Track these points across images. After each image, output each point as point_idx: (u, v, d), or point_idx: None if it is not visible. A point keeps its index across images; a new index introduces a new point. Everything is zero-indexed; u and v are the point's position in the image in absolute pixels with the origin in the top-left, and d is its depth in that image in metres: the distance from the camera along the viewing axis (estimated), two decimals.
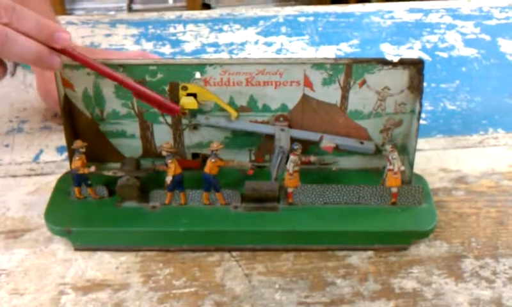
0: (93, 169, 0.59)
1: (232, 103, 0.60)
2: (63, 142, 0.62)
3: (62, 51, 0.54)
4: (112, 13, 1.95)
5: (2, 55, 0.50)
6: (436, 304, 0.54)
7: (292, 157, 0.58)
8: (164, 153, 0.58)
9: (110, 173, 0.60)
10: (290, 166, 0.58)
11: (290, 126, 0.61)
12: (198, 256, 0.59)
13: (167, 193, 0.59)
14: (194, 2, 2.13)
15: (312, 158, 0.61)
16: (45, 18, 0.52)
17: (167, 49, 0.93)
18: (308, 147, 0.62)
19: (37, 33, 0.51)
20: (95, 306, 0.54)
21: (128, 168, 0.61)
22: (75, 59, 0.55)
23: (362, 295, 0.55)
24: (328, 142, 0.60)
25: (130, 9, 2.14)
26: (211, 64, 0.58)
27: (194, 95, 0.59)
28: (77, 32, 0.98)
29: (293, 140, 0.60)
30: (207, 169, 0.58)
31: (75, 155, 0.58)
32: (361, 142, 0.62)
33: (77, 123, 0.62)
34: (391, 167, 0.58)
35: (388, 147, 0.58)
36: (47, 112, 0.78)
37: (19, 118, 0.78)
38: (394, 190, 0.59)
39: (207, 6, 2.17)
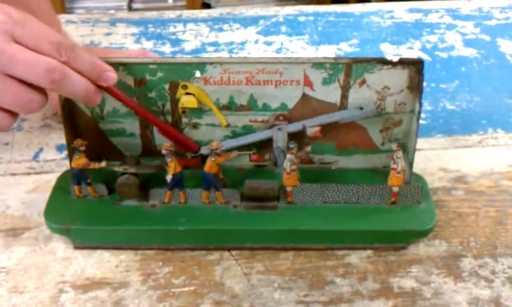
0: (103, 164, 0.59)
1: (232, 102, 0.60)
2: (62, 140, 0.62)
3: (106, 89, 0.55)
4: (112, 11, 1.95)
5: (56, 90, 0.52)
6: (435, 303, 0.54)
7: (288, 156, 0.58)
8: (163, 151, 0.58)
9: (120, 169, 0.60)
10: (287, 165, 0.58)
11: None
12: (198, 254, 0.59)
13: (166, 192, 0.59)
14: (194, 1, 2.13)
15: (308, 148, 0.60)
16: (96, 57, 0.54)
17: (167, 48, 0.93)
18: (303, 140, 0.62)
19: (89, 72, 0.53)
20: (94, 305, 0.54)
21: (135, 164, 0.61)
22: (117, 98, 0.57)
23: (361, 294, 0.55)
24: (312, 128, 0.60)
25: (130, 8, 2.14)
26: (211, 63, 0.58)
27: (194, 94, 0.59)
28: (77, 31, 0.98)
29: (290, 135, 0.60)
30: (206, 168, 0.58)
31: (75, 154, 0.59)
32: (361, 108, 0.61)
33: (77, 122, 0.62)
34: (394, 166, 0.58)
35: (394, 146, 0.58)
36: (46, 110, 0.78)
37: (19, 116, 0.78)
38: (395, 189, 0.59)
39: (207, 5, 2.17)
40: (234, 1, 2.17)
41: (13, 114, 0.52)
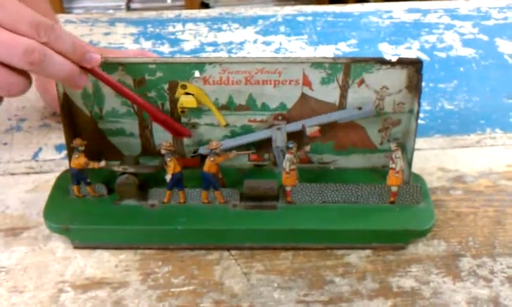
0: (103, 164, 0.59)
1: (231, 102, 0.60)
2: (61, 140, 0.62)
3: (90, 70, 0.55)
4: (111, 11, 1.95)
5: (37, 72, 0.51)
6: (434, 302, 0.54)
7: (287, 156, 0.58)
8: (163, 151, 0.58)
9: (119, 169, 0.60)
10: (286, 165, 0.58)
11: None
12: (197, 254, 0.59)
13: (166, 191, 0.59)
14: (192, 1, 2.13)
15: (307, 148, 0.60)
16: (78, 38, 0.53)
17: (166, 48, 0.94)
18: (302, 140, 0.62)
19: (71, 52, 0.52)
20: (94, 304, 0.54)
21: (134, 164, 0.61)
22: (102, 80, 0.56)
23: (360, 293, 0.55)
24: (311, 128, 0.60)
25: (128, 8, 2.14)
26: (210, 63, 0.58)
27: (193, 94, 0.59)
28: (76, 31, 0.98)
29: (289, 135, 0.60)
30: (205, 168, 0.58)
31: (75, 153, 0.59)
32: (360, 108, 0.60)
33: (76, 121, 0.62)
34: (393, 165, 0.58)
35: (393, 146, 0.58)
36: (45, 110, 0.78)
37: (18, 116, 0.78)
38: (394, 189, 0.59)
39: (205, 5, 2.17)
40: (233, 1, 2.17)
41: None
